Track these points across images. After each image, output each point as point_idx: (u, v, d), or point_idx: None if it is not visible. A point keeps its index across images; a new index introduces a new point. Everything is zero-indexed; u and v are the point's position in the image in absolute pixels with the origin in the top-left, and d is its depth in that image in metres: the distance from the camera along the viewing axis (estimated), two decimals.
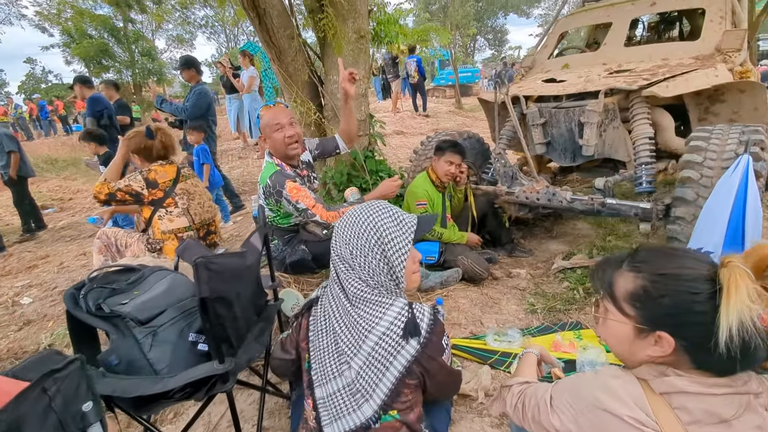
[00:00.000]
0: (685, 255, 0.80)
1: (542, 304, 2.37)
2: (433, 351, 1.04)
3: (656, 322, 0.79)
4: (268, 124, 1.98)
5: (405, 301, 1.08)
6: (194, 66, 4.35)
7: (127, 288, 1.42)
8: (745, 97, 2.52)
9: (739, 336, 0.67)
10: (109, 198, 2.20)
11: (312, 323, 1.18)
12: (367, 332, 1.03)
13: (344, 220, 1.12)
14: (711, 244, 1.71)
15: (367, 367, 1.03)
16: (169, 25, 28.47)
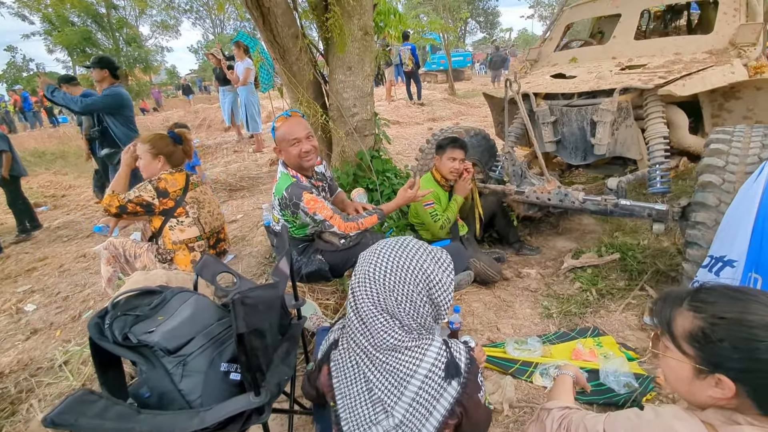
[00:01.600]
0: (751, 299, 0.78)
1: (557, 308, 2.37)
2: (472, 390, 1.02)
3: (716, 364, 0.78)
4: (285, 138, 1.92)
5: (440, 340, 1.05)
6: (109, 66, 3.87)
7: (150, 313, 1.37)
8: (761, 94, 2.50)
9: None
10: (120, 211, 2.13)
11: (334, 369, 1.12)
12: (409, 377, 0.99)
13: (381, 266, 1.04)
14: (734, 252, 1.71)
15: (411, 413, 1.01)
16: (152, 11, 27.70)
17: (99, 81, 3.94)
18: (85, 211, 5.84)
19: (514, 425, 1.62)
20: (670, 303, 0.86)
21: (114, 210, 2.13)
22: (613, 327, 2.17)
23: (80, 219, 5.50)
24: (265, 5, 2.47)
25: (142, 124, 12.22)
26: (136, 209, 2.15)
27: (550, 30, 3.82)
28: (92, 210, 5.80)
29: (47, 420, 0.98)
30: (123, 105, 3.94)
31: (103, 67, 3.89)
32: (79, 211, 5.91)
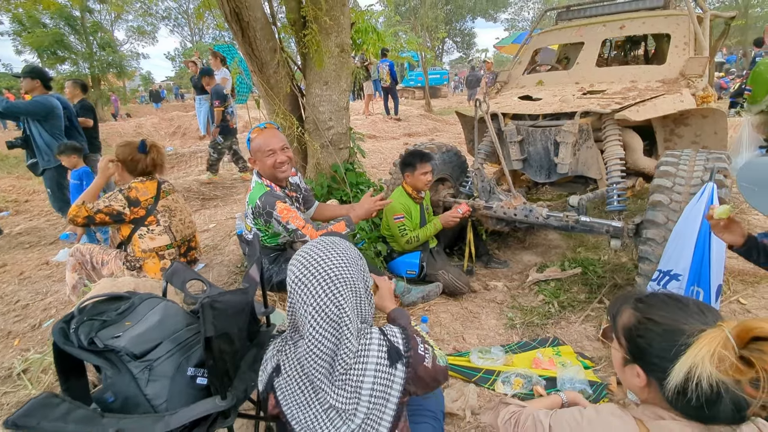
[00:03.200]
0: (685, 309, 0.87)
1: (520, 319, 2.47)
2: (416, 362, 1.09)
3: (636, 356, 0.89)
4: (260, 149, 1.97)
5: (377, 330, 1.11)
6: (40, 77, 3.84)
7: (117, 319, 1.37)
8: (707, 122, 2.72)
9: (695, 385, 0.74)
10: (88, 221, 2.11)
11: (282, 397, 1.11)
12: (362, 378, 1.04)
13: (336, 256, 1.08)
14: (680, 266, 1.85)
15: (371, 408, 1.06)
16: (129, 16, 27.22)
17: (29, 91, 3.86)
18: (50, 217, 5.63)
19: (475, 431, 1.68)
20: (622, 301, 0.96)
21: (80, 221, 2.10)
22: (572, 337, 2.28)
23: (44, 225, 5.30)
24: (245, 19, 2.53)
25: (113, 130, 11.93)
26: (104, 219, 2.14)
27: (519, 54, 4.03)
28: (57, 216, 5.60)
29: (8, 422, 0.97)
30: (50, 114, 3.82)
31: (34, 77, 3.84)
32: (43, 218, 5.70)
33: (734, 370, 0.72)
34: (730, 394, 0.77)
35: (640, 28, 3.38)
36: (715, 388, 0.75)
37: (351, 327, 1.05)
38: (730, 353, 0.72)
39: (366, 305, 1.13)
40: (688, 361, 0.75)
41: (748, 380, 0.74)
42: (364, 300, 1.12)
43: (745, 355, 0.72)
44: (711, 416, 0.79)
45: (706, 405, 0.78)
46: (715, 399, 0.77)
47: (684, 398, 0.79)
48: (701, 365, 0.73)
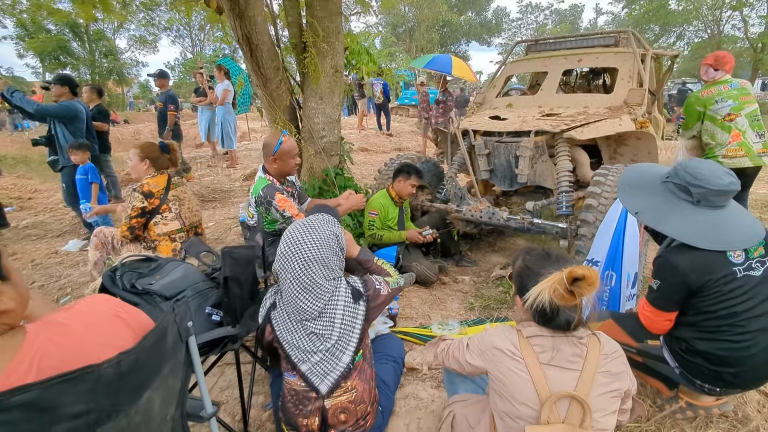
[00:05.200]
0: (548, 258, 1.30)
1: (480, 303, 2.89)
2: (374, 298, 1.53)
3: (518, 290, 1.31)
4: (290, 152, 2.42)
5: (343, 280, 1.53)
6: (69, 84, 4.30)
7: (149, 273, 1.77)
8: (641, 143, 3.22)
9: (539, 305, 1.17)
10: (131, 231, 2.54)
11: (276, 324, 1.51)
12: (334, 312, 1.46)
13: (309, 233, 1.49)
14: (599, 254, 2.29)
15: (342, 333, 1.47)
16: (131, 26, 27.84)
17: (58, 96, 4.29)
18: (55, 213, 5.96)
19: (429, 380, 2.08)
20: (519, 254, 1.39)
21: (128, 234, 2.55)
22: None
23: (50, 220, 5.62)
24: (254, 42, 2.98)
25: (112, 135, 12.21)
26: (139, 221, 2.54)
27: (493, 79, 4.54)
28: (62, 212, 5.93)
29: None
30: (76, 117, 4.25)
31: (64, 84, 4.28)
32: (48, 213, 6.01)
33: (564, 298, 1.15)
34: (564, 313, 1.20)
35: (594, 62, 3.91)
36: (553, 307, 1.18)
37: (318, 289, 1.46)
38: (561, 287, 1.15)
39: (336, 266, 1.54)
40: (536, 290, 1.18)
41: (573, 305, 1.18)
42: (334, 263, 1.52)
43: (571, 289, 1.15)
44: (554, 325, 1.22)
45: (550, 318, 1.21)
46: (554, 315, 1.20)
47: (538, 314, 1.22)
48: (542, 294, 1.16)
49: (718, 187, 1.50)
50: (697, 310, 1.55)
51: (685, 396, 1.76)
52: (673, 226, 1.56)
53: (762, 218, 4.27)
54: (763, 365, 1.54)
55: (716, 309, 1.51)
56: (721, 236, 1.50)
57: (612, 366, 1.21)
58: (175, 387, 0.93)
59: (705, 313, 1.53)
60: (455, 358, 1.42)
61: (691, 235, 1.52)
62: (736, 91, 3.18)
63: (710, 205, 1.54)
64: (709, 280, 1.49)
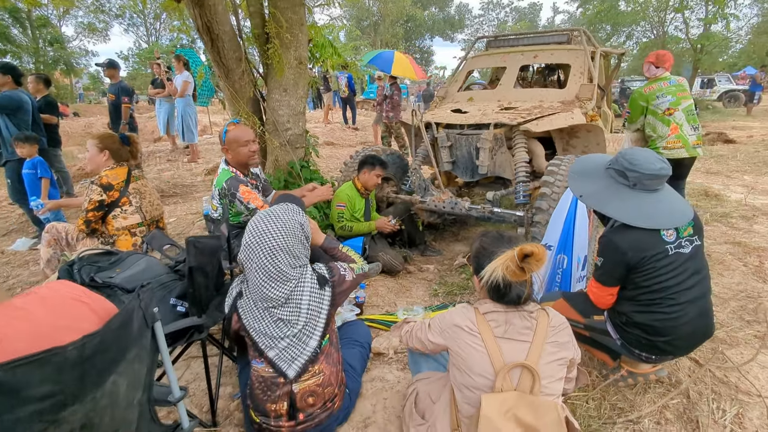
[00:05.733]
0: (500, 240, 1.40)
1: (443, 290, 3.00)
2: (339, 283, 1.58)
3: (475, 269, 1.40)
4: (237, 139, 2.37)
5: (309, 267, 1.57)
6: (12, 73, 4.10)
7: (109, 266, 1.74)
8: (591, 135, 3.42)
9: (494, 282, 1.26)
10: (88, 225, 2.44)
11: (242, 313, 1.53)
12: (300, 298, 1.50)
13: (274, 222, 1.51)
14: (552, 239, 2.43)
15: (308, 319, 1.51)
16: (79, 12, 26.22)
17: (1, 86, 4.05)
18: (1, 210, 5.60)
19: (395, 363, 2.15)
20: (477, 237, 1.47)
21: (84, 228, 2.45)
22: None
23: None
24: (215, 31, 2.93)
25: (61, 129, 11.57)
26: (96, 215, 2.45)
27: (455, 73, 4.66)
28: (8, 210, 5.57)
29: None
30: (20, 108, 4.05)
31: (6, 73, 4.07)
32: None
33: (515, 274, 1.25)
34: (515, 288, 1.30)
35: (549, 58, 4.10)
36: (506, 283, 1.28)
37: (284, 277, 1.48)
38: (513, 263, 1.24)
39: (302, 253, 1.57)
40: (490, 267, 1.27)
41: (524, 280, 1.28)
42: (299, 251, 1.55)
43: (521, 265, 1.24)
44: (507, 300, 1.32)
45: (503, 293, 1.31)
46: (507, 290, 1.30)
47: (493, 290, 1.31)
48: (496, 270, 1.25)
49: (650, 172, 1.65)
50: (635, 285, 1.71)
51: (626, 365, 1.92)
52: (613, 207, 1.71)
53: (698, 205, 4.63)
54: (691, 334, 1.71)
55: (651, 284, 1.66)
56: (655, 216, 1.66)
57: (558, 336, 1.32)
58: (141, 372, 0.95)
59: (641, 287, 1.69)
60: (418, 338, 1.50)
61: (628, 215, 1.67)
62: (674, 88, 3.43)
63: (645, 188, 1.69)
64: (644, 257, 1.64)
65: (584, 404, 1.82)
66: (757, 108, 15.44)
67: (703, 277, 1.75)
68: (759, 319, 2.49)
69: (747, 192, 5.20)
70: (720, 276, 3.06)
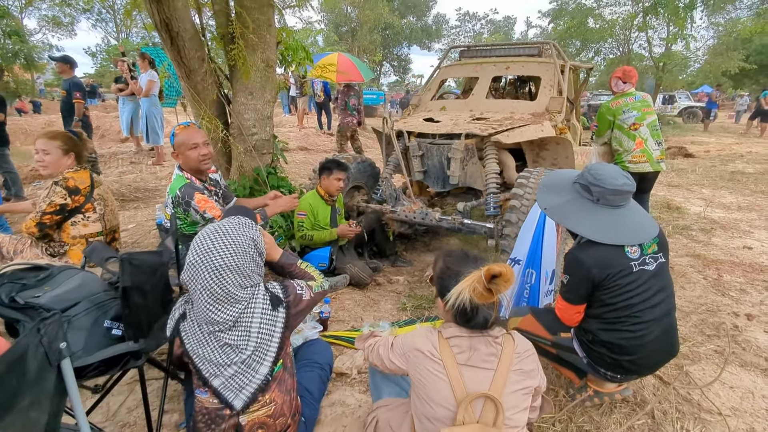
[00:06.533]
0: (467, 258, 1.32)
1: (412, 303, 2.91)
2: (295, 304, 1.45)
3: (439, 291, 1.32)
4: (184, 142, 2.21)
5: (263, 287, 1.43)
6: None
7: (36, 284, 1.56)
8: (560, 148, 3.43)
9: (460, 305, 1.18)
10: (41, 228, 2.21)
11: (185, 337, 1.37)
12: (250, 321, 1.36)
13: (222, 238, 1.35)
14: (521, 253, 2.39)
15: (259, 343, 1.38)
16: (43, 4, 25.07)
17: None
18: None
19: (358, 384, 2.04)
20: (439, 255, 1.39)
21: (35, 231, 2.21)
22: None
23: None
24: (174, 29, 2.76)
25: (18, 126, 10.92)
26: (54, 218, 2.23)
27: (428, 82, 4.63)
28: None
29: None
30: None
31: None
32: None
33: (483, 296, 1.17)
34: (482, 311, 1.22)
35: (520, 70, 4.12)
36: (473, 306, 1.20)
37: (233, 299, 1.33)
38: (480, 285, 1.16)
39: (253, 272, 1.41)
40: (456, 290, 1.18)
41: (491, 303, 1.20)
42: (250, 270, 1.39)
43: (489, 286, 1.17)
44: (473, 324, 1.24)
45: (469, 317, 1.22)
46: (473, 313, 1.21)
47: (459, 314, 1.23)
48: (462, 293, 1.17)
49: (613, 187, 1.63)
50: (600, 303, 1.67)
51: (592, 384, 1.88)
52: (576, 222, 1.68)
53: (660, 218, 4.75)
54: (655, 352, 1.69)
55: (616, 301, 1.63)
56: (617, 232, 1.63)
57: (524, 364, 1.25)
58: (40, 421, 0.80)
59: (607, 305, 1.65)
60: (379, 356, 1.41)
61: (589, 230, 1.64)
62: (639, 103, 3.49)
63: (609, 203, 1.67)
64: (609, 274, 1.61)
65: (551, 427, 1.76)
66: (713, 124, 16.33)
67: (667, 295, 1.73)
68: (719, 333, 2.52)
69: (705, 205, 5.39)
70: (682, 289, 3.10)
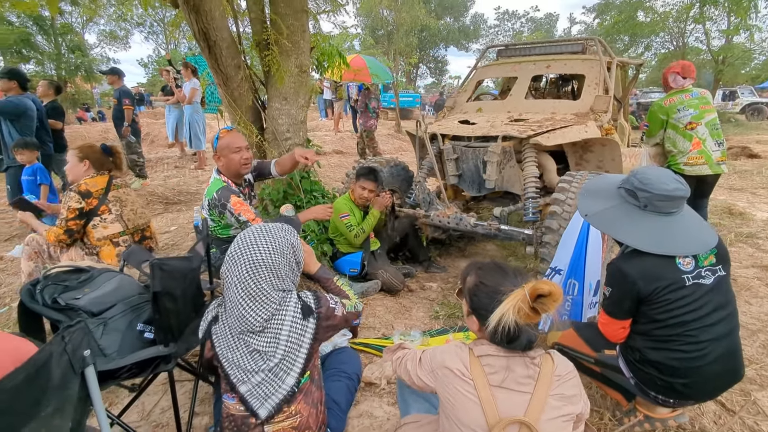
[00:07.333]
0: (504, 274, 1.22)
1: (445, 312, 2.82)
2: (326, 317, 1.42)
3: (473, 309, 1.22)
4: (228, 145, 2.26)
5: (295, 294, 1.42)
6: (18, 78, 4.14)
7: (78, 286, 1.62)
8: (606, 150, 3.23)
9: (503, 326, 1.08)
10: (69, 235, 2.34)
11: (216, 340, 1.38)
12: (280, 327, 1.34)
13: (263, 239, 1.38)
14: (562, 263, 2.25)
15: (287, 351, 1.35)
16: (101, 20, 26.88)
17: (6, 91, 4.08)
18: (5, 215, 5.59)
19: (387, 395, 1.98)
20: (469, 268, 1.30)
21: (65, 238, 2.34)
22: None
23: None
24: (212, 38, 2.84)
25: (78, 133, 11.72)
26: (78, 223, 2.35)
27: (464, 83, 4.51)
28: (12, 215, 5.57)
29: None
30: (24, 114, 4.05)
31: (12, 78, 4.08)
32: None
33: (529, 317, 1.08)
34: (526, 332, 1.12)
35: (562, 68, 3.92)
36: (516, 328, 1.10)
37: (264, 298, 1.33)
38: (525, 305, 1.07)
39: (288, 277, 1.42)
40: (499, 312, 1.09)
41: (535, 324, 1.11)
42: (285, 273, 1.40)
43: (534, 306, 1.08)
44: (514, 345, 1.14)
45: (511, 339, 1.13)
46: (516, 335, 1.12)
47: (496, 335, 1.13)
48: (506, 314, 1.08)
49: (662, 192, 1.48)
50: (648, 319, 1.52)
51: (642, 408, 1.72)
52: (619, 229, 1.55)
53: (721, 224, 4.37)
54: (715, 376, 1.51)
55: (666, 318, 1.48)
56: (667, 241, 1.48)
57: (565, 388, 1.14)
58: (64, 427, 0.81)
59: (655, 321, 1.50)
60: (407, 370, 1.35)
61: (635, 238, 1.50)
62: (696, 100, 3.22)
63: (657, 210, 1.52)
64: (657, 288, 1.46)
65: None
66: None
67: (729, 313, 1.55)
68: None
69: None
70: (747, 304, 2.82)
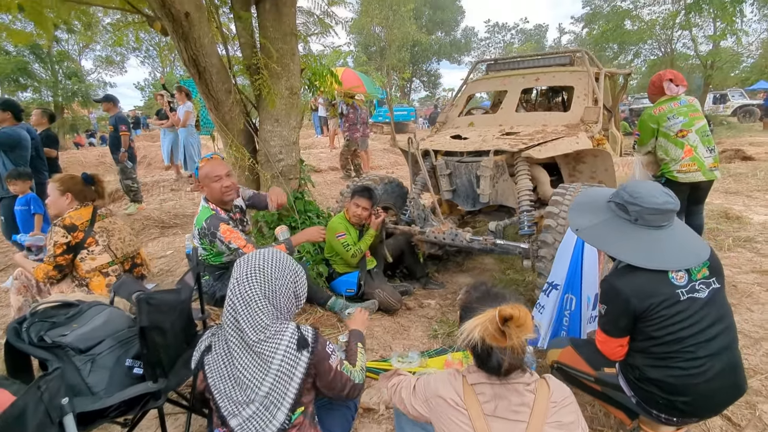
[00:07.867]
0: (486, 297, 1.21)
1: (443, 330, 2.78)
2: (320, 356, 1.36)
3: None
4: (208, 175, 2.26)
5: (294, 324, 1.39)
6: (11, 109, 4.15)
7: (65, 321, 1.59)
8: (598, 160, 3.23)
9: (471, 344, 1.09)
10: (59, 270, 2.33)
11: (209, 371, 1.35)
12: (272, 356, 1.30)
13: (264, 264, 1.37)
14: (558, 278, 2.23)
15: (276, 382, 1.32)
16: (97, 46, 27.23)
17: (0, 122, 4.08)
18: None
19: (386, 421, 1.94)
20: (470, 288, 1.29)
21: (56, 274, 2.33)
22: None
23: None
24: (201, 65, 2.86)
25: (75, 158, 11.79)
26: (66, 258, 2.34)
27: (455, 98, 4.55)
28: (6, 246, 5.53)
29: None
30: (18, 144, 4.06)
31: (5, 109, 4.10)
32: None
33: (495, 338, 1.06)
34: (495, 354, 1.10)
35: (551, 81, 3.96)
36: (485, 347, 1.09)
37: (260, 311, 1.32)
38: (492, 326, 1.06)
39: (285, 303, 1.39)
40: (467, 327, 1.08)
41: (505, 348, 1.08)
42: (283, 295, 1.38)
43: (502, 329, 1.06)
44: (487, 368, 1.12)
45: (483, 360, 1.11)
46: (486, 356, 1.10)
47: (474, 355, 1.13)
48: (473, 331, 1.07)
49: (652, 206, 1.47)
50: (645, 336, 1.50)
51: (645, 427, 1.68)
52: (610, 243, 1.54)
53: (718, 229, 4.36)
54: (716, 392, 1.48)
55: (662, 334, 1.45)
56: (659, 255, 1.46)
57: (562, 415, 1.11)
58: None
59: (652, 338, 1.48)
60: (401, 399, 1.33)
61: (626, 252, 1.49)
62: (685, 108, 3.24)
63: (648, 224, 1.51)
64: (651, 305, 1.44)
65: None
66: None
67: (726, 327, 1.53)
68: None
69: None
70: (749, 311, 2.79)
